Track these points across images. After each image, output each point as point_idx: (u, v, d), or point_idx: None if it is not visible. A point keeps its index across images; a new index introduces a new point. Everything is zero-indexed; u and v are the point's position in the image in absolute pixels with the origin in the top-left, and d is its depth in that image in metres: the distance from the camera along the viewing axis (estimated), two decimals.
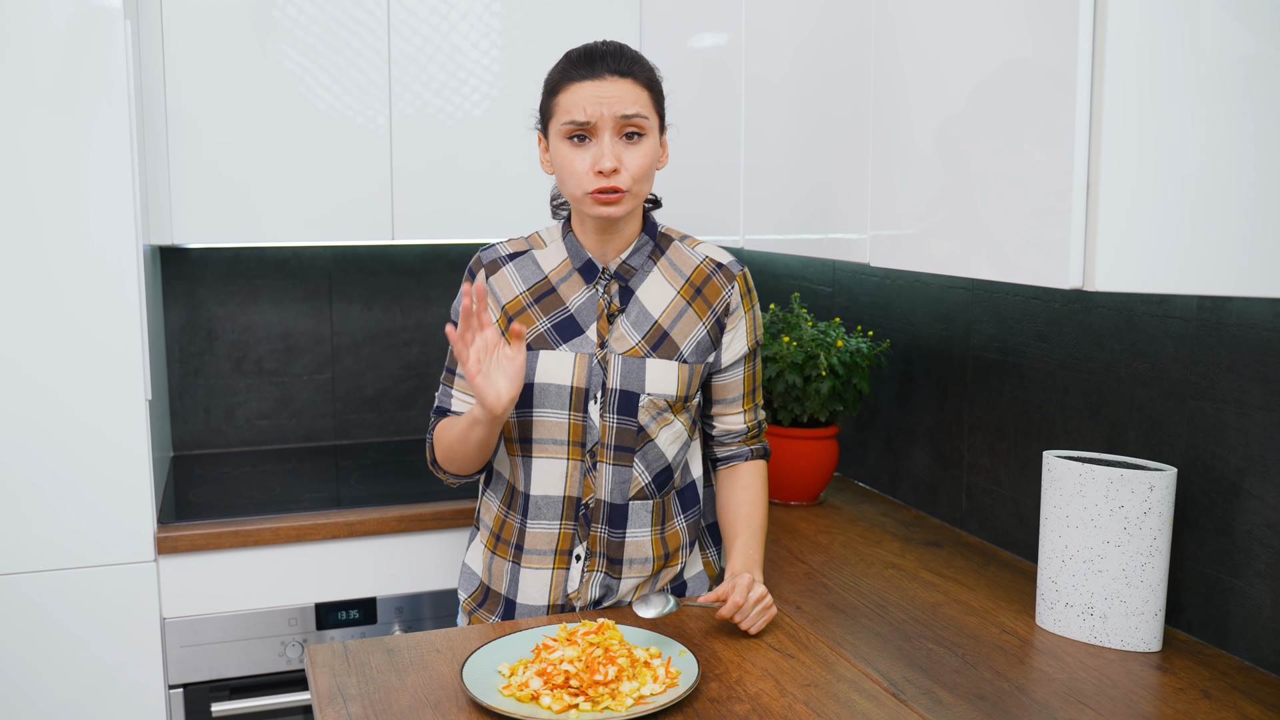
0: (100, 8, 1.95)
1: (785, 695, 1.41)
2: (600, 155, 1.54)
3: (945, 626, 1.67)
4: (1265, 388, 1.50)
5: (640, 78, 1.58)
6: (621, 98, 1.55)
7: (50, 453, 2.01)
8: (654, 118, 1.59)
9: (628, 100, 1.55)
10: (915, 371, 2.27)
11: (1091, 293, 1.77)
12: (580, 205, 1.60)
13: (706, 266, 1.69)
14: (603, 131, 1.55)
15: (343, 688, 1.44)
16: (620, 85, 1.55)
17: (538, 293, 1.67)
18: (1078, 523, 1.59)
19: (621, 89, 1.55)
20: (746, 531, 1.70)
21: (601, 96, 1.54)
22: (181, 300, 2.70)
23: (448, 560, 2.28)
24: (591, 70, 1.55)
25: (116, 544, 2.06)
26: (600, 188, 1.55)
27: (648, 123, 1.57)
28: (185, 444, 2.74)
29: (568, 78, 1.57)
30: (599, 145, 1.55)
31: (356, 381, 2.86)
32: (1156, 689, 1.46)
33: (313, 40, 2.34)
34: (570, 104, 1.55)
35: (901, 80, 1.59)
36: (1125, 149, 1.21)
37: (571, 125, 1.55)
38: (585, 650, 1.40)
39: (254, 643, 2.17)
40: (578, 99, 1.55)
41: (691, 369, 1.66)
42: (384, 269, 2.84)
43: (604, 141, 1.55)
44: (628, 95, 1.55)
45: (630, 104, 1.55)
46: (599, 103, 1.54)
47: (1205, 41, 1.19)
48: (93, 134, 1.97)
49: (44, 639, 2.03)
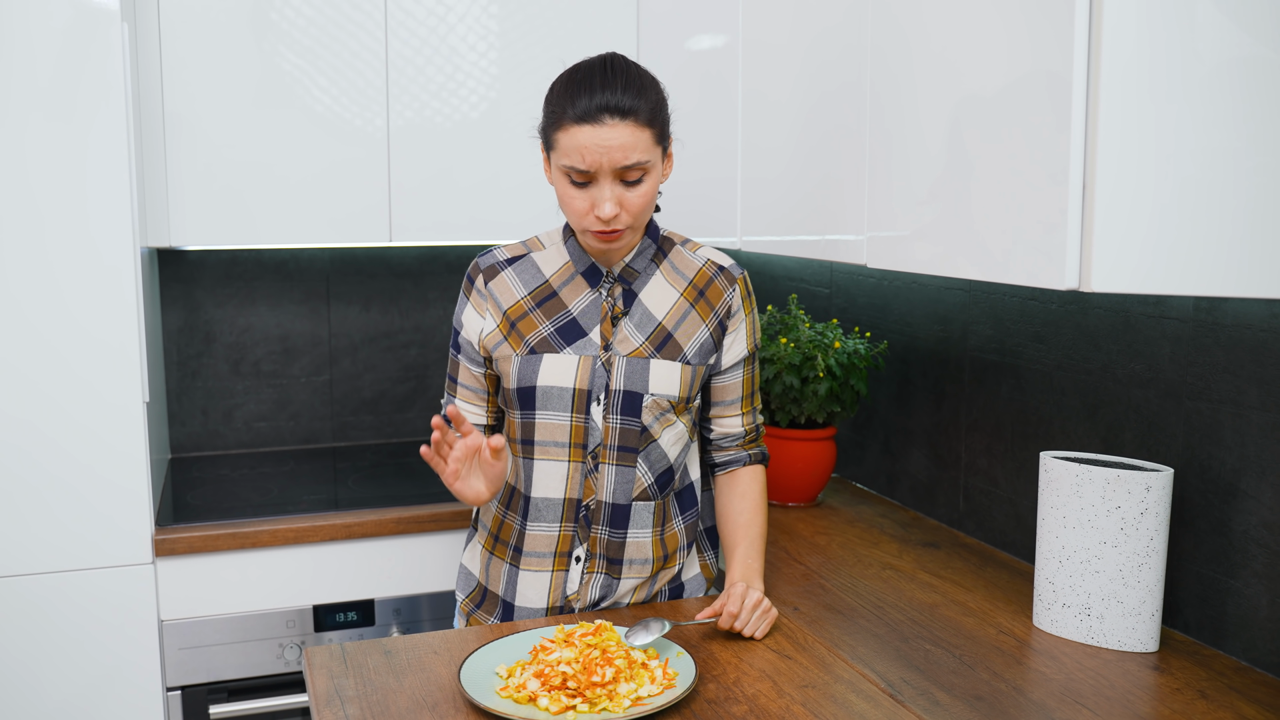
0: (98, 10, 1.95)
1: (783, 696, 1.41)
2: (600, 200, 1.53)
3: (943, 627, 1.67)
4: (1261, 388, 1.50)
5: (642, 116, 1.51)
6: (622, 146, 1.50)
7: (48, 455, 2.01)
8: (656, 153, 1.55)
9: (629, 148, 1.50)
10: (912, 373, 2.27)
11: (1088, 294, 1.78)
12: (581, 237, 1.62)
13: (709, 269, 1.70)
14: (603, 178, 1.52)
15: (340, 689, 1.44)
16: (621, 131, 1.49)
17: (539, 296, 1.67)
18: (1075, 523, 1.59)
19: (622, 135, 1.49)
20: (745, 541, 1.70)
21: (602, 145, 1.49)
22: (179, 302, 2.70)
23: (446, 562, 2.28)
24: (591, 114, 1.49)
25: (114, 546, 2.06)
26: (599, 230, 1.56)
27: (649, 164, 1.54)
28: (183, 446, 2.74)
29: (568, 117, 1.51)
30: (599, 189, 1.53)
31: (354, 383, 2.86)
32: (1153, 689, 1.46)
33: (310, 43, 2.34)
34: (570, 147, 1.51)
35: (898, 81, 1.59)
36: (1122, 150, 1.21)
37: (571, 170, 1.53)
38: (583, 652, 1.40)
39: (252, 645, 2.17)
40: (577, 144, 1.50)
41: (694, 370, 1.66)
42: (382, 271, 2.84)
43: (604, 188, 1.52)
44: (628, 142, 1.50)
45: (631, 152, 1.50)
46: (599, 152, 1.50)
47: (1202, 43, 1.20)
48: (90, 136, 1.97)
49: (42, 641, 2.03)
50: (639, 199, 1.55)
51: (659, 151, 1.56)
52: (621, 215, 1.54)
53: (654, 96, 1.54)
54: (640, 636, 1.47)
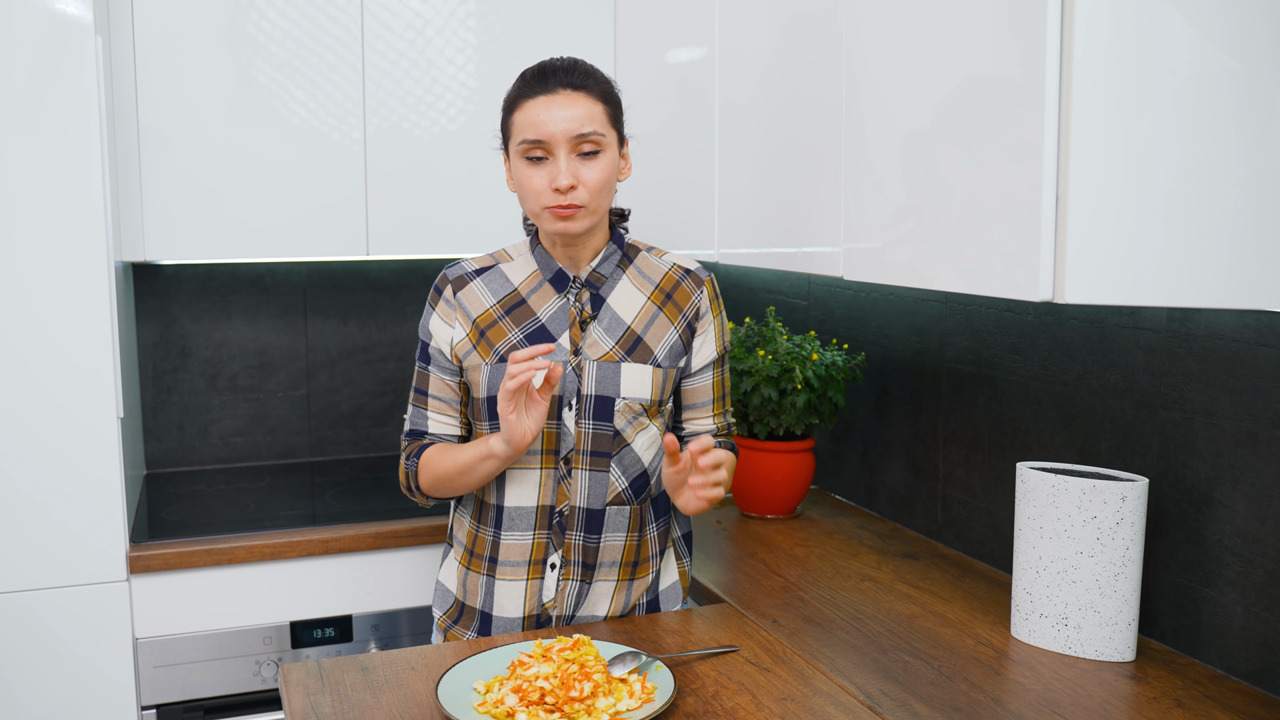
0: (71, 23, 1.94)
1: (761, 709, 1.41)
2: (556, 173, 1.56)
3: (921, 638, 1.67)
4: (1234, 398, 1.51)
5: (595, 91, 1.59)
6: (576, 115, 1.56)
7: (20, 471, 1.99)
8: (611, 133, 1.61)
9: (583, 117, 1.56)
10: (890, 384, 2.28)
11: (1063, 305, 1.79)
12: (540, 221, 1.62)
13: (675, 273, 1.71)
14: (558, 149, 1.56)
15: (317, 707, 1.43)
16: (574, 100, 1.57)
17: (508, 305, 1.67)
18: (1051, 533, 1.59)
19: (575, 104, 1.56)
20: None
21: (555, 115, 1.55)
22: (154, 317, 2.68)
23: (424, 577, 2.27)
24: (544, 86, 1.57)
25: (88, 563, 2.04)
26: (557, 205, 1.57)
27: (604, 139, 1.59)
28: (158, 462, 2.72)
29: (522, 95, 1.59)
30: (555, 164, 1.57)
31: (332, 398, 2.84)
32: (1130, 698, 1.47)
33: (287, 55, 2.34)
34: (525, 122, 1.57)
35: (873, 93, 1.60)
36: (1095, 162, 1.22)
37: (527, 144, 1.57)
38: (561, 666, 1.39)
39: (228, 662, 2.15)
40: (531, 116, 1.57)
41: (665, 373, 1.67)
42: (359, 284, 2.83)
43: (560, 160, 1.56)
44: (582, 112, 1.57)
45: (585, 122, 1.56)
46: (553, 121, 1.55)
47: (1175, 57, 1.21)
48: (63, 150, 1.96)
49: (15, 660, 2.00)
50: (595, 174, 1.58)
51: (614, 135, 1.62)
52: (579, 190, 1.57)
53: (605, 81, 1.63)
54: (618, 669, 1.45)
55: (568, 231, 1.60)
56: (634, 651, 1.48)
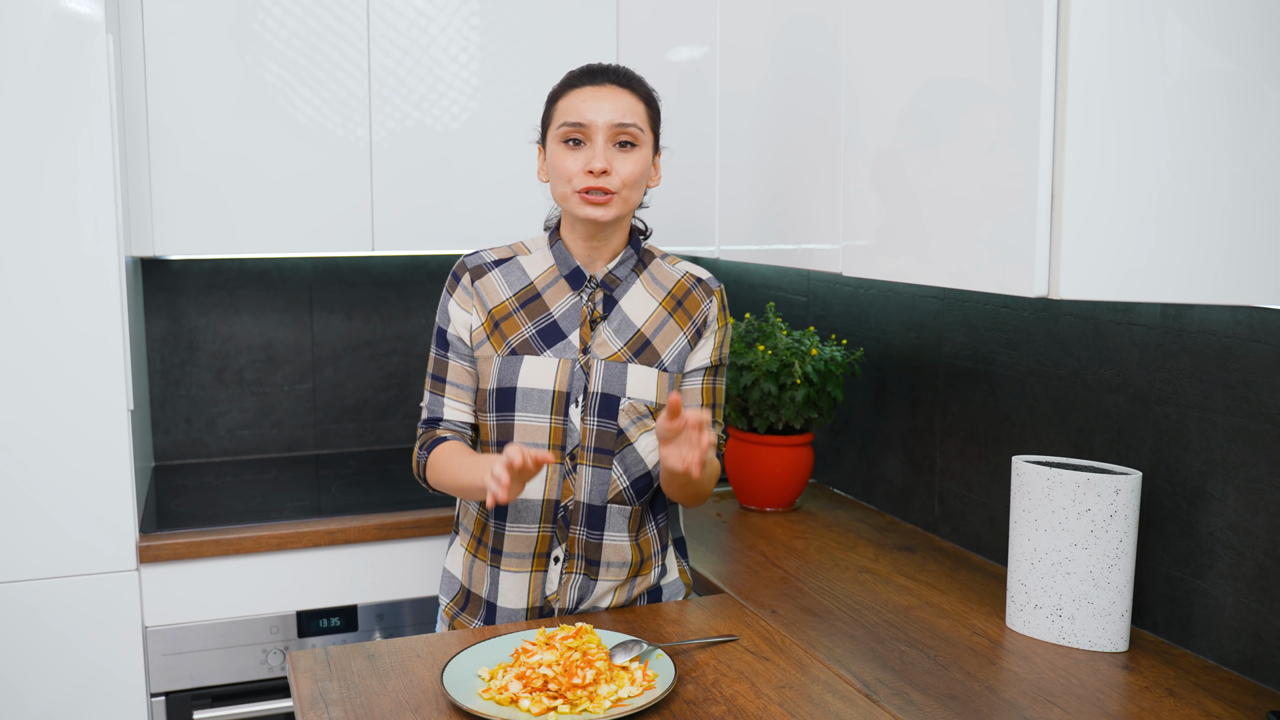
0: (82, 21, 1.97)
1: (760, 697, 1.44)
2: (592, 157, 1.60)
3: (917, 629, 1.70)
4: (1226, 393, 1.53)
5: (639, 91, 1.66)
6: (619, 106, 1.62)
7: (32, 463, 2.02)
8: (648, 133, 1.66)
9: (625, 109, 1.62)
10: (888, 379, 2.30)
11: (1058, 301, 1.81)
12: (569, 206, 1.64)
13: (687, 281, 1.74)
14: (596, 135, 1.61)
15: (324, 693, 1.45)
16: (618, 94, 1.63)
17: (523, 298, 1.70)
18: (1046, 526, 1.62)
19: (619, 97, 1.63)
20: None
21: (599, 104, 1.61)
22: (163, 311, 2.71)
23: (428, 567, 2.29)
24: (592, 79, 1.64)
25: (98, 553, 2.07)
26: (589, 187, 1.60)
27: (642, 135, 1.64)
28: (167, 454, 2.75)
29: (569, 86, 1.65)
30: (591, 148, 1.61)
31: (337, 391, 2.87)
32: (1123, 688, 1.49)
33: (293, 54, 2.36)
34: (568, 107, 1.63)
35: (871, 91, 1.62)
36: (1090, 159, 1.23)
37: (568, 127, 1.62)
38: (564, 654, 1.42)
39: (236, 651, 2.18)
40: (576, 103, 1.63)
41: (671, 377, 1.69)
42: (364, 280, 2.86)
43: (597, 144, 1.61)
44: (625, 104, 1.62)
45: (626, 113, 1.62)
46: (596, 109, 1.61)
47: (1171, 56, 1.23)
48: (75, 147, 1.98)
49: (25, 648, 2.03)
50: (630, 166, 1.62)
51: (651, 137, 1.67)
52: (612, 177, 1.61)
53: (650, 88, 1.70)
54: (620, 657, 1.48)
55: (595, 218, 1.62)
56: (635, 640, 1.51)
